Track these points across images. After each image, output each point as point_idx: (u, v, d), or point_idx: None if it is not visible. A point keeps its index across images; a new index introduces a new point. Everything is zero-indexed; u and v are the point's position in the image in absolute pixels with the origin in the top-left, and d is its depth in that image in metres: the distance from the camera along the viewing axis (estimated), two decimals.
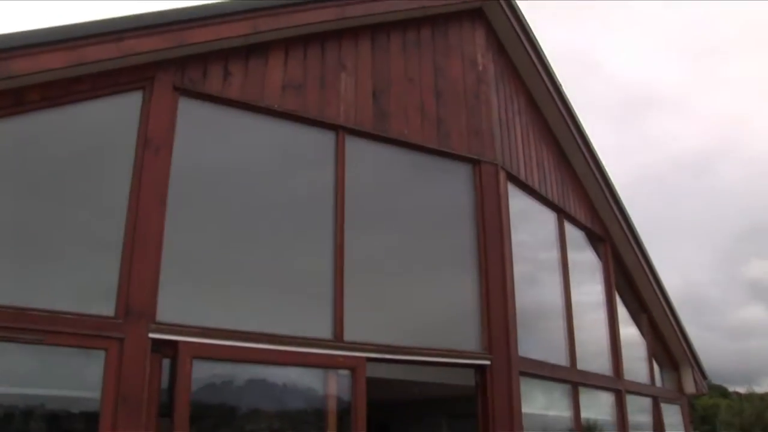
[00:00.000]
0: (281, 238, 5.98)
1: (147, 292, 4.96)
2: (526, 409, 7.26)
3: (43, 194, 4.97)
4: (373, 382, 6.16)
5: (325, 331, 5.79)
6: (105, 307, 4.83)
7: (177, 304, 5.13)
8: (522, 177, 7.89)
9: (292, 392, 5.90)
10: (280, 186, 6.16)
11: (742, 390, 58.33)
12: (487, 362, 6.61)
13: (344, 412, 5.72)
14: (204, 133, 5.75)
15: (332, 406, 5.75)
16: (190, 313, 5.18)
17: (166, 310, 5.02)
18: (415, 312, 6.68)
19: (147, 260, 5.01)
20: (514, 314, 6.94)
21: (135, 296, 4.89)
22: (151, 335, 4.87)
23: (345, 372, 5.78)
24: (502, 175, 7.35)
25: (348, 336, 5.83)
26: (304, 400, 5.94)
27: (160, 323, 4.93)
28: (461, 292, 6.94)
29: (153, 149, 5.25)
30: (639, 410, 10.61)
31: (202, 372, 5.17)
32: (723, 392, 66.89)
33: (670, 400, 11.69)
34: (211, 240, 5.63)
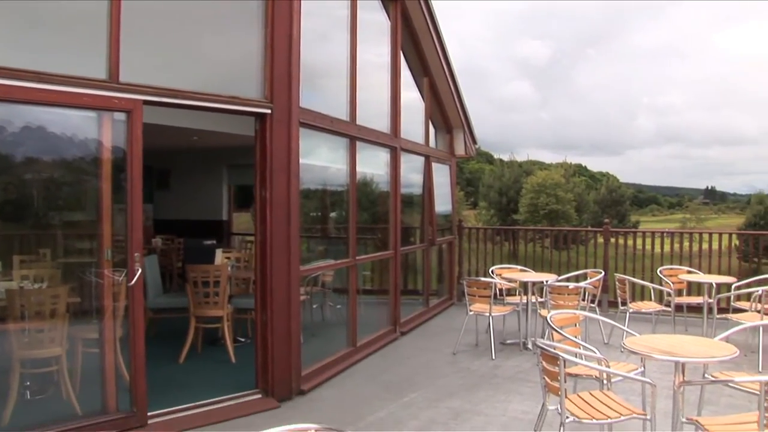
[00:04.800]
0: None
1: None
2: (309, 160, 7.45)
3: None
4: (152, 129, 5.98)
5: (99, 72, 5.42)
6: None
7: None
8: None
9: (69, 140, 5.62)
10: None
11: (505, 158, 63.69)
12: (268, 111, 6.57)
13: (122, 159, 5.56)
14: None
15: (108, 152, 5.54)
16: None
17: None
18: (197, 57, 6.41)
19: None
20: (298, 65, 6.85)
21: None
22: None
23: (121, 116, 5.53)
24: None
25: (124, 77, 5.50)
26: (81, 149, 5.67)
27: None
28: (245, 40, 6.71)
29: None
30: (413, 169, 11.30)
31: None
32: (489, 159, 72.84)
33: (441, 160, 12.52)
34: None
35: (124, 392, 5.65)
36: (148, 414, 5.77)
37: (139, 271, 5.63)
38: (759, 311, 8.42)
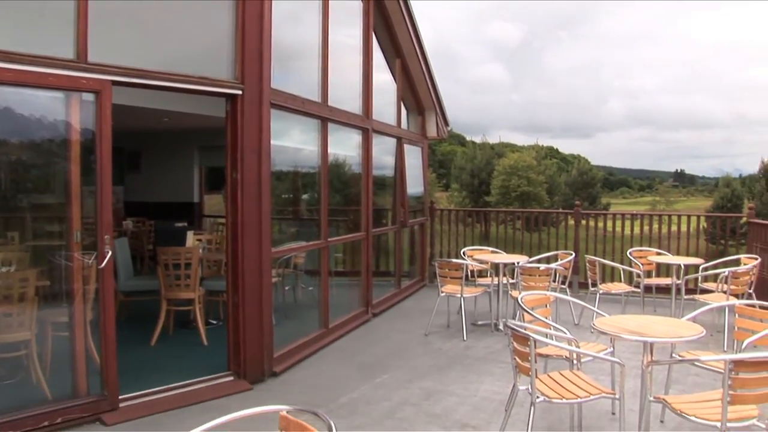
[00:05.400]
0: None
1: None
2: (281, 142, 7.40)
3: None
4: (122, 110, 5.90)
5: (66, 51, 5.33)
6: None
7: None
8: None
9: (38, 122, 5.53)
10: None
11: (477, 140, 63.89)
12: (239, 92, 6.51)
13: (91, 141, 5.50)
14: None
15: (77, 134, 5.46)
16: None
17: None
18: (167, 37, 6.31)
19: None
20: (270, 46, 6.79)
21: None
22: None
23: (90, 97, 5.45)
24: None
25: (92, 57, 5.42)
26: (50, 130, 5.59)
27: None
28: (216, 20, 6.62)
29: None
30: (385, 151, 11.29)
31: None
32: (461, 141, 72.99)
33: (413, 142, 12.51)
34: None
35: (95, 376, 5.62)
36: (120, 397, 5.75)
37: (110, 253, 5.58)
38: (725, 292, 8.56)
